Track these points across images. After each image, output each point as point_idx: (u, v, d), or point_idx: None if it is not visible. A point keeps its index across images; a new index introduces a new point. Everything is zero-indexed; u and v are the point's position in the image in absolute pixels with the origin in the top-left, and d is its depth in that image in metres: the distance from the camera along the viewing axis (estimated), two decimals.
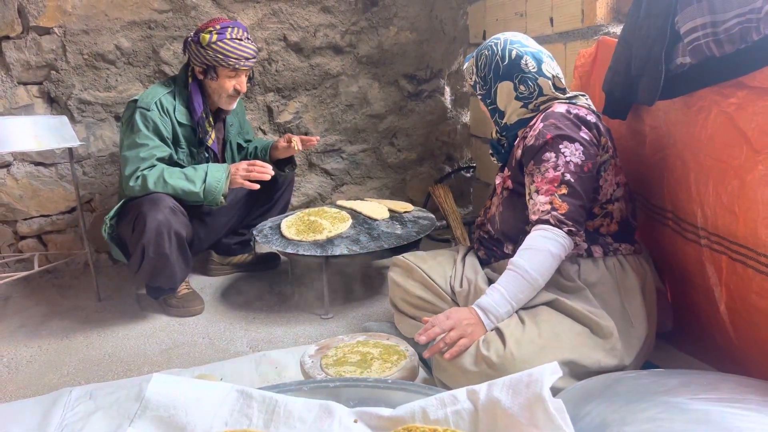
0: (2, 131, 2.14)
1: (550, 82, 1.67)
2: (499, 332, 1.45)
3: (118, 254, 2.33)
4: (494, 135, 1.85)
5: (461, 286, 1.71)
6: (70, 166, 2.50)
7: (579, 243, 1.56)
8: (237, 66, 2.30)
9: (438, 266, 1.82)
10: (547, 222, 1.50)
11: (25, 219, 2.89)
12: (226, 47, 2.26)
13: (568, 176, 1.51)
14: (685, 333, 1.75)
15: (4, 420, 1.61)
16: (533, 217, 1.54)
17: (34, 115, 2.68)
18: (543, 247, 1.47)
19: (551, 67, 1.69)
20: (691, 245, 1.57)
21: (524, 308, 1.52)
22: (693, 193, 1.53)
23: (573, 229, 1.49)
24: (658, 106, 1.62)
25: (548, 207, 1.51)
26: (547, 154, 1.54)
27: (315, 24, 3.11)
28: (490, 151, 1.86)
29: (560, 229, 1.48)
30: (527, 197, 1.60)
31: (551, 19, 2.35)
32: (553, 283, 1.56)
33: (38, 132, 2.24)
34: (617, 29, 2.03)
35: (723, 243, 1.43)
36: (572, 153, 1.52)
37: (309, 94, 3.23)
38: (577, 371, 1.42)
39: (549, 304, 1.53)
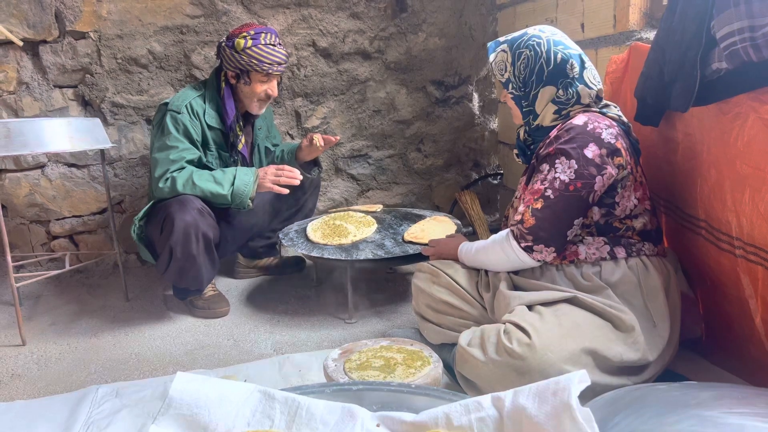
0: (38, 132, 2.18)
1: (592, 92, 1.61)
2: (518, 326, 1.45)
3: (147, 255, 2.37)
4: (522, 135, 1.79)
5: (488, 291, 1.70)
6: (101, 167, 2.55)
7: (550, 256, 1.55)
8: (270, 71, 2.33)
9: (463, 271, 1.80)
10: (512, 232, 1.57)
11: (58, 219, 2.95)
12: (261, 52, 2.28)
13: (549, 192, 1.51)
14: (717, 345, 1.71)
15: (32, 416, 1.65)
16: (510, 223, 1.62)
17: (68, 117, 2.74)
18: (490, 243, 1.66)
19: (593, 75, 1.62)
20: (726, 255, 1.53)
21: (543, 305, 1.52)
22: (728, 202, 1.48)
23: (531, 245, 1.52)
24: (691, 112, 1.59)
25: (519, 218, 1.56)
26: (544, 165, 1.55)
27: (344, 30, 3.13)
28: (515, 151, 1.82)
29: (518, 242, 1.55)
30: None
31: (582, 25, 2.32)
32: (574, 284, 1.56)
33: (72, 133, 2.28)
34: (650, 35, 1.99)
35: (759, 254, 1.39)
36: (563, 170, 1.51)
37: (337, 99, 3.24)
38: (601, 363, 1.42)
39: (568, 301, 1.52)
